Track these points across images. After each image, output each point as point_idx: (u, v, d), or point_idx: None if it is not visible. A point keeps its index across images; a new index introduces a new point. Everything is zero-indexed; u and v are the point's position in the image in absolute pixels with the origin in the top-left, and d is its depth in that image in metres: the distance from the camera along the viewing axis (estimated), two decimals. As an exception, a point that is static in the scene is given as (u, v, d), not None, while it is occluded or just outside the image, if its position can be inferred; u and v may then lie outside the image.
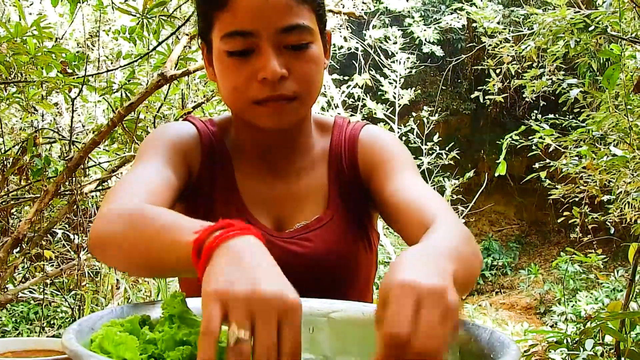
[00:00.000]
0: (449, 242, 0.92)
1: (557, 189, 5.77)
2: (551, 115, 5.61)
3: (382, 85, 8.70)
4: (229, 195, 1.31)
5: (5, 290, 3.55)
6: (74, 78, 3.26)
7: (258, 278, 0.72)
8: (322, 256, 1.27)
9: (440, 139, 8.65)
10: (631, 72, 4.31)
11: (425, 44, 10.40)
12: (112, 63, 5.08)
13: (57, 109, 4.64)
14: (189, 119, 1.38)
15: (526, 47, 5.67)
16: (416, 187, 1.22)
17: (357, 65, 8.94)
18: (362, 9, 7.25)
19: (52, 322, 5.24)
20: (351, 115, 8.22)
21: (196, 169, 1.31)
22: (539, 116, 5.87)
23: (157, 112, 3.83)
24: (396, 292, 0.71)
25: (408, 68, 8.86)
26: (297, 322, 0.72)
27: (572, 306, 8.45)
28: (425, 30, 10.19)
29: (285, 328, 0.70)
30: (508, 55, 6.55)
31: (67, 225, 4.41)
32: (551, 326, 8.79)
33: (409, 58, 8.97)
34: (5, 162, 3.51)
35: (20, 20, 3.19)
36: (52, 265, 4.70)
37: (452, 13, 9.61)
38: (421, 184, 1.25)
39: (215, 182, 1.31)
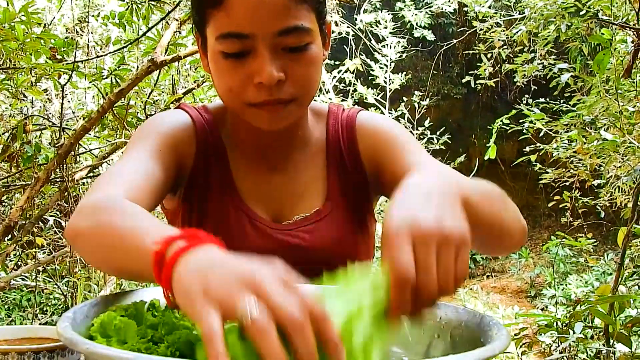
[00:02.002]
0: (472, 182, 0.93)
1: (547, 173, 5.79)
2: (542, 100, 5.63)
3: (373, 70, 8.69)
4: (225, 188, 1.29)
5: (-3, 277, 3.55)
6: (63, 64, 3.24)
7: (239, 265, 0.70)
8: (321, 250, 1.26)
9: (431, 124, 8.66)
10: (622, 56, 4.32)
11: (416, 28, 10.38)
12: (101, 49, 5.05)
13: (47, 95, 4.62)
14: (182, 107, 1.34)
15: (517, 32, 5.67)
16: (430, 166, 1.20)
17: (347, 49, 8.92)
18: (353, -6, 7.22)
19: (44, 308, 5.25)
20: (342, 100, 8.21)
21: (190, 161, 1.28)
22: (530, 100, 5.88)
23: (148, 98, 3.82)
24: (396, 233, 0.73)
25: (399, 52, 8.85)
26: (298, 285, 0.69)
27: (562, 289, 8.51)
28: (416, 14, 10.16)
29: (290, 290, 0.67)
30: (499, 40, 6.54)
31: (58, 212, 4.40)
32: (542, 309, 8.85)
33: (399, 42, 8.95)
34: (-5, 149, 3.50)
35: (7, 5, 3.16)
36: (44, 253, 4.69)
37: (443, -3, 9.57)
38: (438, 164, 1.23)
39: (210, 174, 1.29)
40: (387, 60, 8.66)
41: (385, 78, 8.57)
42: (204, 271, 0.70)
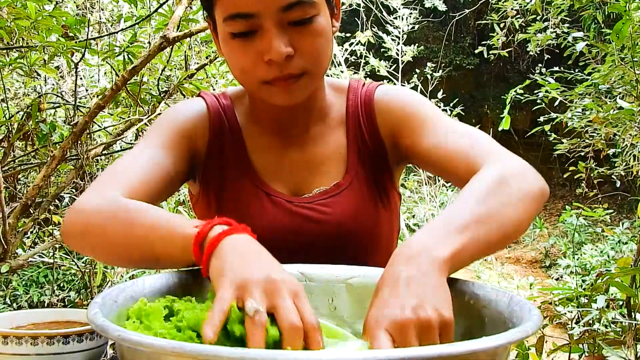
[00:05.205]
0: (463, 212, 0.93)
1: (562, 143, 5.75)
2: (556, 69, 5.56)
3: (385, 42, 8.61)
4: (241, 168, 1.31)
5: (16, 255, 3.57)
6: (75, 42, 3.23)
7: (267, 267, 0.82)
8: (341, 223, 1.27)
9: (444, 95, 8.60)
10: (637, 24, 4.25)
11: (427, -2, 10.27)
12: (112, 26, 5.03)
13: (60, 73, 4.61)
14: (201, 94, 1.38)
15: (530, 0, 5.60)
16: (456, 135, 1.21)
17: (359, 22, 8.84)
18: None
19: (62, 285, 5.29)
20: (354, 73, 8.16)
21: (204, 147, 1.32)
22: (544, 70, 5.82)
23: (160, 74, 3.80)
24: (375, 326, 0.77)
25: (410, 24, 8.75)
26: (306, 300, 0.80)
27: (577, 259, 8.49)
28: (427, -16, 10.05)
29: (299, 302, 0.78)
30: (512, 9, 6.45)
31: (74, 190, 4.41)
32: (556, 279, 8.85)
33: (411, 14, 8.85)
34: (10, 128, 3.50)
35: (19, -16, 3.14)
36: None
37: (454, -34, 9.44)
38: (460, 128, 1.24)
39: (225, 157, 1.32)
40: (399, 32, 8.57)
41: (398, 50, 8.50)
42: (241, 257, 0.85)
